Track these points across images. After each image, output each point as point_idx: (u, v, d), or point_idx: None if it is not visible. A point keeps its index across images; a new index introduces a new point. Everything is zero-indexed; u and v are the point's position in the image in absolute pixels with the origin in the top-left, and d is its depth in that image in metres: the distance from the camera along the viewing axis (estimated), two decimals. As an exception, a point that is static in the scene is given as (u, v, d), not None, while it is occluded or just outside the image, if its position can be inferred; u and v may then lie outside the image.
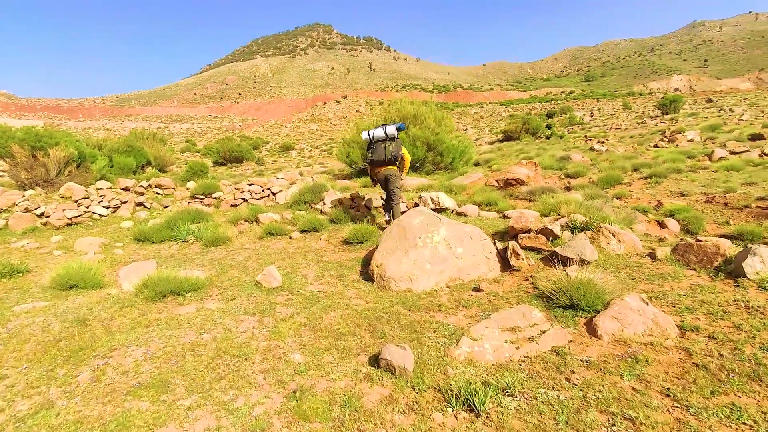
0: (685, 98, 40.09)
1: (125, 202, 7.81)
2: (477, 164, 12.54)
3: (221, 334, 2.99)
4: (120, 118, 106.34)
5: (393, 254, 3.98)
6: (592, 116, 37.88)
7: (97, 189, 7.86)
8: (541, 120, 26.92)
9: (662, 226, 5.16)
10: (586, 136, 20.08)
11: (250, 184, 8.60)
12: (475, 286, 3.61)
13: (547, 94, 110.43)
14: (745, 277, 3.01)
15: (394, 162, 5.39)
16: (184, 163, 17.80)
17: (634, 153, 11.83)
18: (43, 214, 6.87)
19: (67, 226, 6.88)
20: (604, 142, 16.12)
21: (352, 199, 6.97)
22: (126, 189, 8.21)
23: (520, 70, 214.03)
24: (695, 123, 18.65)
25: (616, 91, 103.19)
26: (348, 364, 2.55)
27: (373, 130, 5.43)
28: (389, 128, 5.33)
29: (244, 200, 8.24)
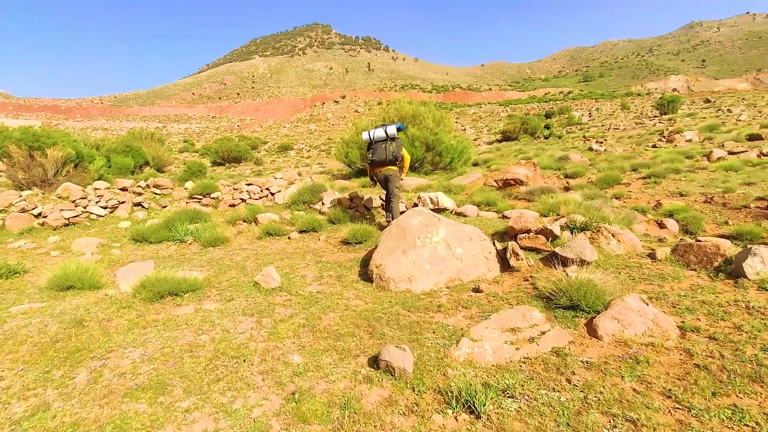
0: (683, 98, 40.17)
1: (123, 203, 7.78)
2: (476, 164, 12.52)
3: (219, 335, 2.97)
4: (118, 118, 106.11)
5: (392, 254, 3.97)
6: (590, 116, 37.91)
7: (95, 189, 7.82)
8: (539, 120, 26.92)
9: (661, 226, 5.16)
10: (584, 136, 20.08)
11: (248, 184, 8.57)
12: (475, 286, 3.60)
13: (546, 94, 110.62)
14: (746, 277, 3.01)
15: (395, 162, 5.43)
16: (183, 163, 17.75)
17: (633, 153, 11.83)
18: (40, 214, 6.84)
19: (65, 226, 6.85)
20: (603, 142, 16.12)
21: (351, 199, 6.96)
22: (124, 189, 8.17)
23: (519, 71, 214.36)
24: (693, 123, 18.68)
25: (614, 91, 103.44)
26: (347, 365, 2.53)
27: (373, 131, 5.44)
28: (390, 128, 5.36)
29: (243, 200, 8.21)
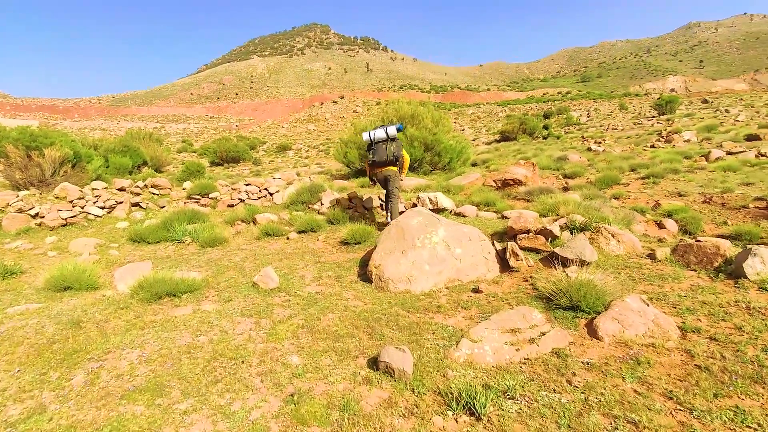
0: (681, 99, 40.27)
1: (121, 203, 7.75)
2: (474, 164, 12.52)
3: (218, 336, 2.95)
4: (116, 118, 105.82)
5: (391, 255, 3.95)
6: (588, 117, 37.96)
7: (93, 189, 7.79)
8: (538, 120, 26.92)
9: (660, 226, 5.15)
10: (583, 136, 20.09)
11: (246, 185, 8.55)
12: (474, 287, 3.59)
13: (544, 94, 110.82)
14: (746, 277, 3.00)
15: (395, 162, 5.45)
16: (181, 164, 17.72)
17: (631, 153, 11.84)
18: (37, 214, 6.80)
19: (62, 226, 6.81)
20: (601, 142, 16.13)
21: (350, 199, 6.94)
22: (122, 189, 8.14)
23: (517, 71, 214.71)
24: (691, 123, 18.71)
25: (612, 91, 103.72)
26: (346, 366, 2.52)
27: (373, 131, 5.44)
28: (390, 129, 5.38)
29: (241, 200, 8.19)
